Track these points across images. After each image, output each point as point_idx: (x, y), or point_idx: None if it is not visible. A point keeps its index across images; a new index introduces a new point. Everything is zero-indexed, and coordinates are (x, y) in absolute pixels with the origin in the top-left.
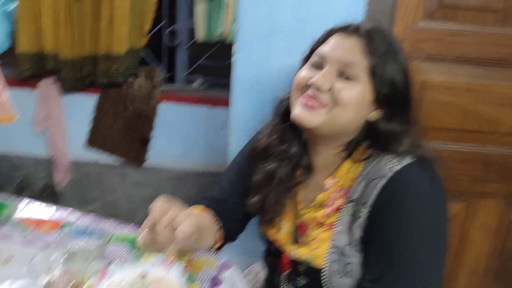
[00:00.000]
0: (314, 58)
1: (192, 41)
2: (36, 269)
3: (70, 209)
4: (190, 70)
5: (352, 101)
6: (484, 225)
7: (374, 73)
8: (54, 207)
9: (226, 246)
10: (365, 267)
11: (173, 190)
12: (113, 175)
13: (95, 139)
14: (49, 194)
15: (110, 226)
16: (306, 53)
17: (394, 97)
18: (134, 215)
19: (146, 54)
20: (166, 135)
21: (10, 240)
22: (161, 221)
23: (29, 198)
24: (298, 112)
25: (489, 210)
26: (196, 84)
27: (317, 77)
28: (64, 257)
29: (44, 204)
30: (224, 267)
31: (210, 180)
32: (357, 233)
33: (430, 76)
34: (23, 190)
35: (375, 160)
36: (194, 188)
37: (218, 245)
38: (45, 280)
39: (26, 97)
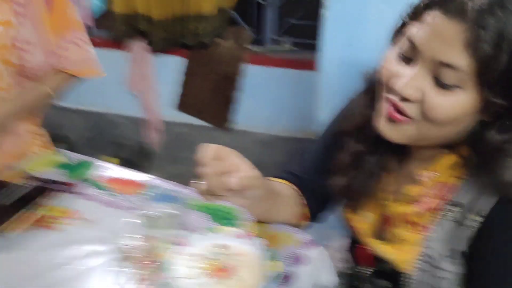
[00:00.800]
0: (404, 44)
1: None
2: (118, 233)
3: (154, 176)
4: (279, 31)
5: (448, 118)
6: None
7: (483, 77)
8: (138, 171)
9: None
10: None
11: (261, 154)
12: (203, 137)
13: (184, 103)
14: (143, 153)
15: (193, 193)
16: (399, 24)
17: None
18: None
19: (235, 15)
20: (253, 99)
21: (92, 201)
22: (213, 166)
23: (125, 156)
24: (381, 125)
25: None
26: (285, 45)
27: (403, 84)
28: (145, 222)
29: (128, 168)
30: (310, 245)
31: (297, 146)
32: (461, 246)
33: None
34: (120, 148)
35: None
36: (282, 153)
37: (304, 223)
38: (126, 245)
39: (120, 58)
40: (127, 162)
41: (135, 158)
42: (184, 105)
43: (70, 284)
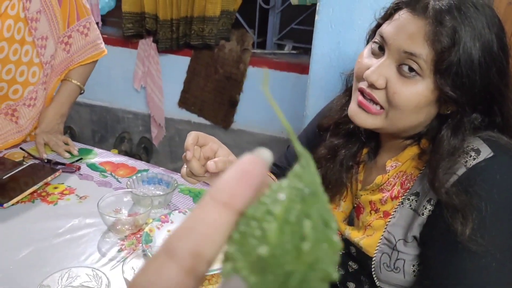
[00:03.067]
0: (377, 38)
1: (286, 4)
2: (106, 208)
3: (144, 162)
4: (280, 35)
5: (409, 105)
6: None
7: (438, 65)
8: (129, 158)
9: None
10: (419, 271)
11: None
12: None
13: (186, 100)
14: (144, 147)
15: (178, 177)
16: (374, 25)
17: (466, 99)
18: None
19: (239, 18)
20: (253, 100)
21: (88, 180)
22: (192, 150)
23: (125, 149)
24: (352, 109)
25: None
26: (286, 49)
27: (371, 71)
28: (132, 200)
29: (122, 156)
30: None
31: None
32: (416, 231)
33: None
34: (123, 141)
35: None
36: (276, 153)
37: None
38: (112, 219)
39: (128, 55)
40: (126, 155)
41: (135, 152)
42: (186, 103)
43: (61, 250)
